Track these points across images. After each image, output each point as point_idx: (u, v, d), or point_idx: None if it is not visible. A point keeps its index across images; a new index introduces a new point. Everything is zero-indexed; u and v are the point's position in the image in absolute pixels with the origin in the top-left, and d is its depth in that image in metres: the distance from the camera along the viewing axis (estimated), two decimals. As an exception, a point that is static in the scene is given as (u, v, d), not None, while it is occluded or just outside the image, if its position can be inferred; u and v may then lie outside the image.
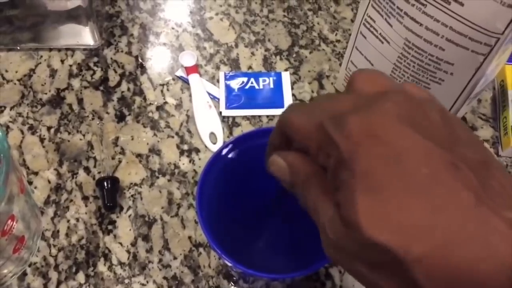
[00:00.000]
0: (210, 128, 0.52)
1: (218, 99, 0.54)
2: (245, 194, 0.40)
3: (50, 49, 0.57)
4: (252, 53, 0.58)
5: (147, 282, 0.44)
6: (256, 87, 0.55)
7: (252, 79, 0.56)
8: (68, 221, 0.47)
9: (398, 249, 0.19)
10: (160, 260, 0.45)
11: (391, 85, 0.24)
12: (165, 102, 0.54)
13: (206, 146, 0.51)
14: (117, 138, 0.51)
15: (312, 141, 0.23)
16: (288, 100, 0.55)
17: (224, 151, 0.38)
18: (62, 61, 0.57)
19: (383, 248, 0.19)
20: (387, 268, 0.20)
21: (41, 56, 0.57)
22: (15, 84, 0.55)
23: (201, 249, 0.45)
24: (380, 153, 0.20)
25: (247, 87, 0.55)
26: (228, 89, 0.55)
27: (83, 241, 0.46)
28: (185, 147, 0.51)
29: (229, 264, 0.33)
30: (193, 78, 0.55)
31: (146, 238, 0.46)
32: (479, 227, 0.19)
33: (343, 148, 0.21)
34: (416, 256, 0.19)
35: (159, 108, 0.54)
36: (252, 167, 0.38)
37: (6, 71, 0.56)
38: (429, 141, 0.20)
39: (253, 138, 0.39)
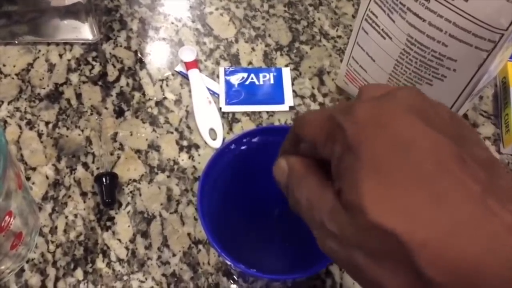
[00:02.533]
0: (210, 124, 0.52)
1: (218, 94, 0.54)
2: (247, 192, 0.39)
3: (48, 44, 0.57)
4: (253, 49, 0.58)
5: (146, 279, 0.43)
6: (256, 82, 0.55)
7: (252, 75, 0.55)
8: (66, 217, 0.46)
9: (402, 233, 0.19)
10: (159, 257, 0.44)
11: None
12: (165, 98, 0.54)
13: (205, 142, 0.51)
14: (116, 134, 0.51)
15: (321, 131, 0.23)
16: (288, 96, 0.54)
17: (228, 148, 0.38)
18: (61, 56, 0.56)
19: (387, 231, 0.19)
20: (390, 256, 0.20)
21: (39, 51, 0.56)
22: (13, 78, 0.54)
23: (200, 246, 0.45)
24: (387, 139, 0.20)
25: (247, 82, 0.55)
26: (228, 84, 0.55)
27: (82, 238, 0.45)
28: (185, 143, 0.51)
29: (229, 263, 0.33)
30: (193, 74, 0.54)
31: (145, 234, 0.46)
32: (486, 218, 0.19)
33: (350, 132, 0.21)
34: (421, 242, 0.19)
35: (158, 103, 0.53)
36: (255, 165, 0.38)
37: (4, 65, 0.55)
38: (437, 133, 0.20)
39: (256, 136, 0.38)
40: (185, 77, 0.55)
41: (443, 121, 0.21)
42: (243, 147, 0.38)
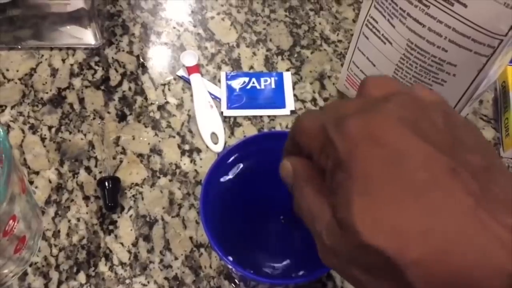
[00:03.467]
0: (212, 128, 0.52)
1: (220, 99, 0.54)
2: (249, 197, 0.40)
3: (51, 48, 0.57)
4: (254, 53, 0.58)
5: (148, 282, 0.44)
6: (258, 87, 0.55)
7: (253, 79, 0.56)
8: (69, 221, 0.46)
9: (393, 253, 0.19)
10: (161, 261, 0.45)
11: (399, 89, 0.23)
12: (166, 102, 0.54)
13: (207, 146, 0.51)
14: (118, 138, 0.51)
15: (315, 142, 0.23)
16: (289, 100, 0.54)
17: (230, 154, 0.38)
18: (63, 60, 0.57)
19: (378, 251, 0.19)
20: (383, 273, 0.20)
21: (42, 55, 0.57)
22: (16, 83, 0.55)
23: (202, 250, 0.45)
24: (377, 155, 0.20)
25: (248, 87, 0.55)
26: (230, 89, 0.55)
27: (84, 241, 0.45)
28: (186, 147, 0.51)
29: (230, 267, 0.33)
30: (195, 78, 0.55)
31: (147, 238, 0.46)
32: (477, 232, 0.19)
33: (340, 149, 0.21)
34: (411, 260, 0.19)
35: (160, 108, 0.53)
36: (258, 170, 0.38)
37: (7, 70, 0.55)
38: (429, 145, 0.20)
39: (261, 141, 0.39)
40: (187, 81, 0.55)
41: (437, 129, 0.21)
42: (245, 152, 0.38)
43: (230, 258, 0.33)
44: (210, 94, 0.54)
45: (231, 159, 0.38)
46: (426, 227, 0.19)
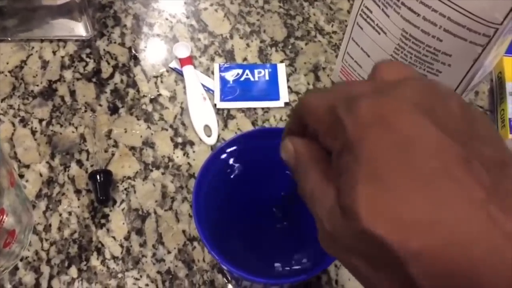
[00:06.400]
0: (205, 121, 0.51)
1: (213, 91, 0.54)
2: (244, 192, 0.39)
3: (42, 40, 0.56)
4: (247, 45, 0.57)
5: (141, 276, 0.43)
6: (251, 79, 0.55)
7: (247, 71, 0.55)
8: (60, 214, 0.46)
9: (395, 243, 0.18)
10: (154, 254, 0.44)
11: (414, 75, 0.23)
12: (159, 94, 0.53)
13: (200, 139, 0.50)
14: (110, 131, 0.51)
15: (323, 122, 0.22)
16: (283, 92, 0.54)
17: (224, 149, 0.38)
18: (54, 53, 0.56)
19: (379, 240, 0.18)
20: (383, 263, 0.19)
21: (33, 47, 0.56)
22: (6, 75, 0.54)
23: (195, 243, 0.45)
24: (388, 139, 0.19)
25: (242, 79, 0.55)
26: (223, 81, 0.54)
27: (76, 235, 0.45)
28: (179, 140, 0.50)
29: (219, 263, 0.33)
30: (187, 70, 0.54)
31: (139, 232, 0.45)
32: (486, 227, 0.18)
33: (350, 130, 0.20)
34: (413, 251, 0.18)
35: (152, 100, 0.53)
36: (254, 165, 0.38)
37: (-3, 62, 0.55)
38: (443, 133, 0.19)
39: (256, 137, 0.38)
40: (180, 73, 0.55)
41: (453, 118, 0.20)
42: (240, 148, 0.38)
43: (224, 258, 0.32)
44: (203, 86, 0.54)
45: (225, 154, 0.38)
46: (431, 217, 0.18)
